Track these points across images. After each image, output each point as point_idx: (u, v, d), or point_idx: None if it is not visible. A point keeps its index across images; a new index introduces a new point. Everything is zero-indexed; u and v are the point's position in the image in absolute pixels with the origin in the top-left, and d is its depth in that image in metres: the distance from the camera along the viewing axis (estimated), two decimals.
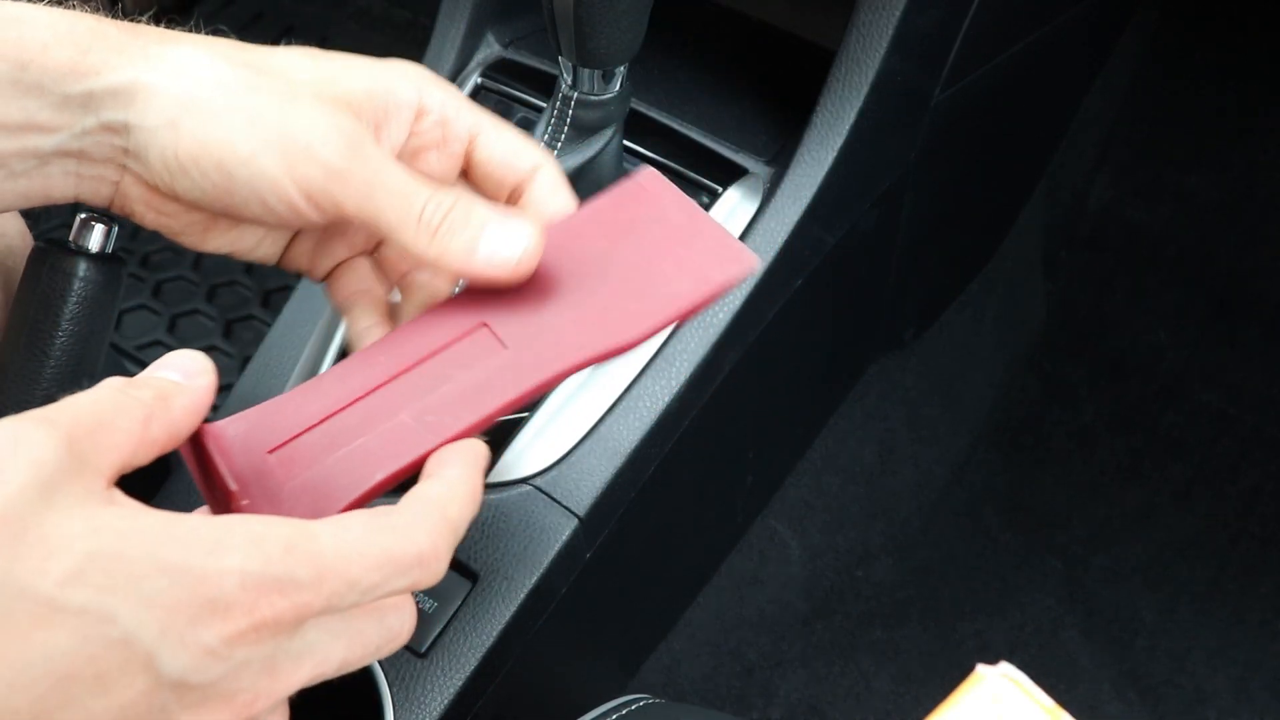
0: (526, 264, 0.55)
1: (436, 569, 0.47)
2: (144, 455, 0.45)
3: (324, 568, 0.43)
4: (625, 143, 0.84)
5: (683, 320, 0.62)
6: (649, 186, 0.60)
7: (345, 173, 0.54)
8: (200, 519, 0.43)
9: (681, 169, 0.86)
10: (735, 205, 0.85)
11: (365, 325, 0.61)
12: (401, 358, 0.55)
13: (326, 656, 0.45)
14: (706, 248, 0.58)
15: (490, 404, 0.53)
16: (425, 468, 0.51)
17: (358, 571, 0.44)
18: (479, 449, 0.52)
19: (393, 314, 0.62)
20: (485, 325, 0.55)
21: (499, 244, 0.55)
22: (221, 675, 0.42)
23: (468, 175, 0.61)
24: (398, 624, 0.48)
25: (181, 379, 0.48)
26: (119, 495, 0.43)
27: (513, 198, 0.61)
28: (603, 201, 0.60)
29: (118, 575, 0.40)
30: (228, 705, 0.42)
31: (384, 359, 0.55)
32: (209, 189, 0.55)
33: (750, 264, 0.58)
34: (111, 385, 0.45)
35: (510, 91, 0.90)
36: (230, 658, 0.42)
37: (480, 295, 0.56)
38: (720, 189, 0.85)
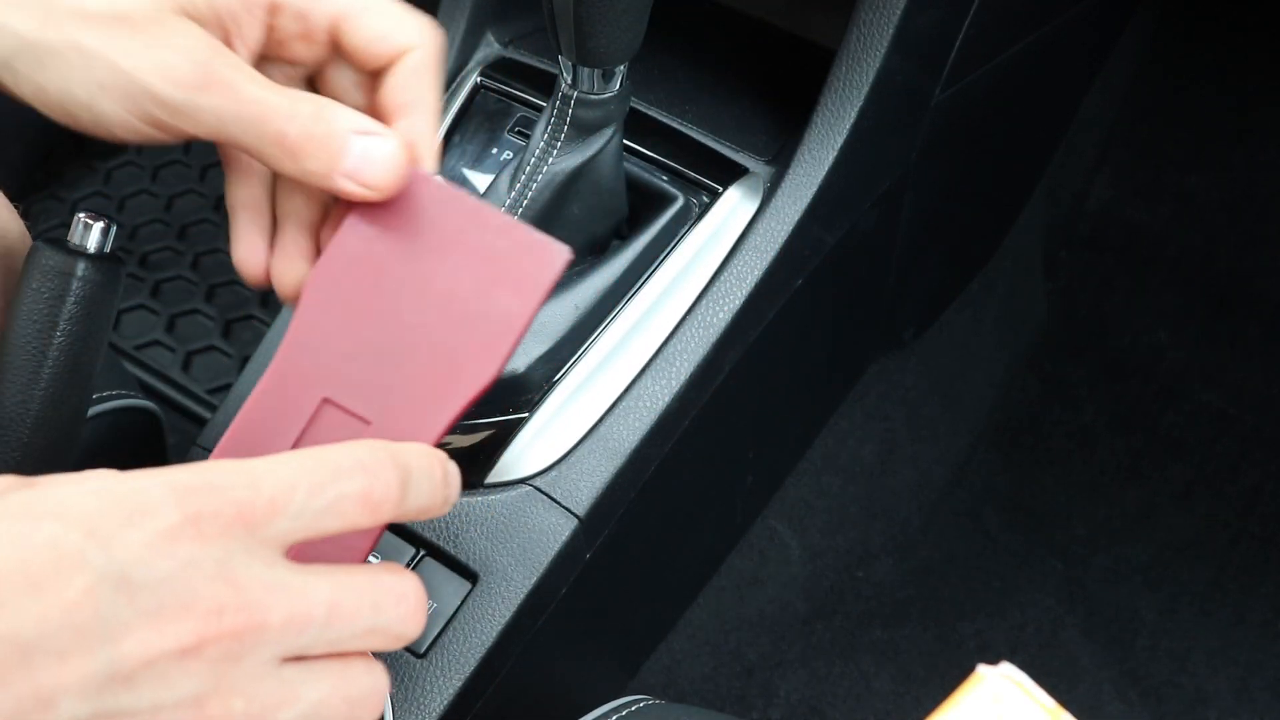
0: (390, 185, 0.53)
1: (383, 476, 0.45)
2: None
3: (257, 474, 0.43)
4: (625, 142, 0.84)
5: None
6: (418, 188, 0.53)
7: (190, 105, 0.51)
8: None
9: (681, 169, 0.86)
10: (735, 205, 0.85)
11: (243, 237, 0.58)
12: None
13: (291, 550, 0.44)
14: (508, 247, 0.53)
15: None
16: None
17: (290, 473, 0.43)
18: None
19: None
20: (329, 401, 0.51)
21: (359, 164, 0.52)
22: (168, 574, 0.40)
23: (340, 54, 0.57)
24: (351, 509, 0.45)
25: None
26: None
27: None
28: (374, 212, 0.53)
29: (40, 497, 0.41)
30: (188, 612, 0.40)
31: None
32: (64, 120, 0.53)
33: (562, 253, 0.53)
34: None
35: (510, 91, 0.90)
36: (172, 554, 0.40)
37: (305, 360, 0.52)
38: (720, 189, 0.85)
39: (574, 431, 0.80)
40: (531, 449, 0.79)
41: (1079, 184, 1.39)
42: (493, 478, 0.79)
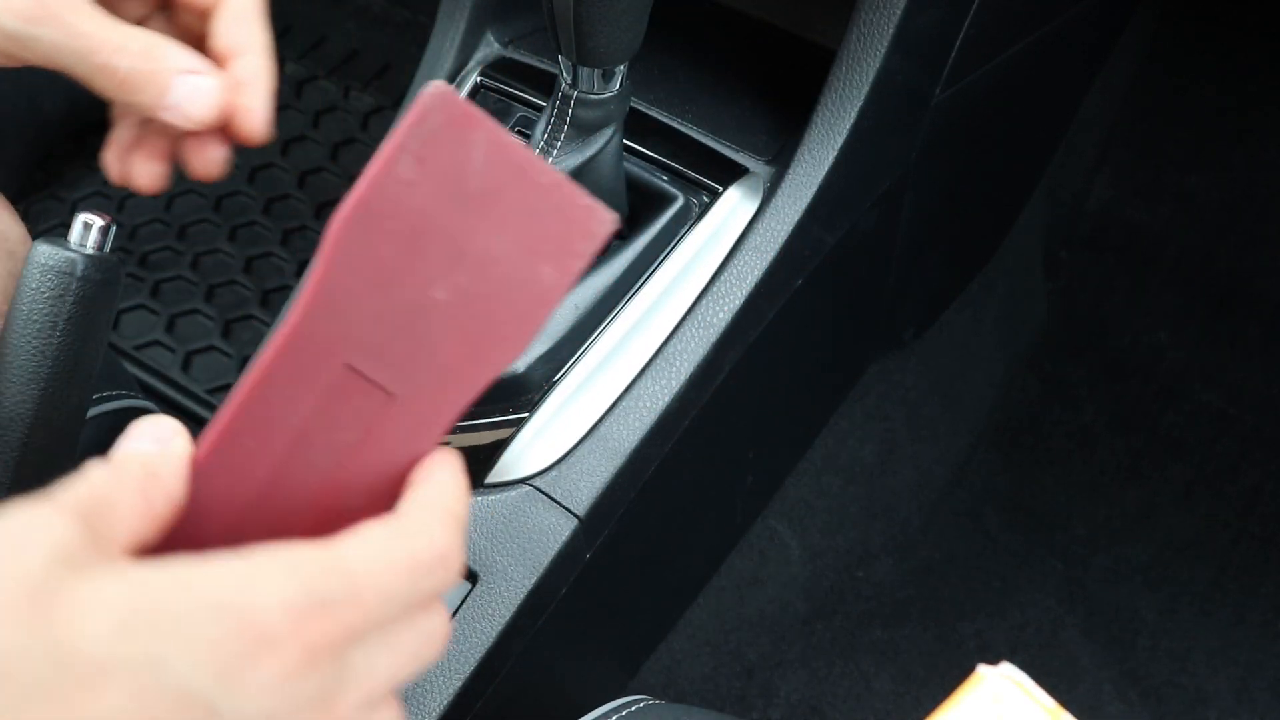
0: (209, 119, 0.57)
1: (456, 567, 0.46)
2: (152, 528, 0.44)
3: (358, 583, 0.42)
4: (625, 142, 0.83)
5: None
6: (470, 129, 0.47)
7: (27, 35, 0.55)
8: (226, 555, 0.41)
9: (681, 168, 0.86)
10: (735, 205, 0.85)
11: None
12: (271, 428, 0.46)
13: (372, 674, 0.44)
14: (553, 207, 0.47)
15: (409, 469, 0.47)
16: (410, 479, 0.48)
17: (388, 580, 0.43)
18: (456, 457, 0.49)
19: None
20: (350, 368, 0.46)
21: (181, 99, 0.57)
22: (277, 713, 0.40)
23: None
24: (430, 626, 0.46)
25: (157, 447, 0.45)
26: (139, 561, 0.42)
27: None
28: (405, 141, 0.46)
29: (161, 622, 0.38)
30: None
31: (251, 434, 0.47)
32: None
33: (605, 221, 0.48)
34: (99, 468, 0.43)
35: (510, 91, 0.90)
36: (288, 693, 0.40)
37: (330, 320, 0.46)
38: (720, 189, 0.85)
39: (574, 431, 0.80)
40: (531, 449, 0.79)
41: (1079, 184, 1.39)
42: (493, 478, 0.79)
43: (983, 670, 0.45)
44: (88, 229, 0.60)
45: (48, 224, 1.38)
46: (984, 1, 0.90)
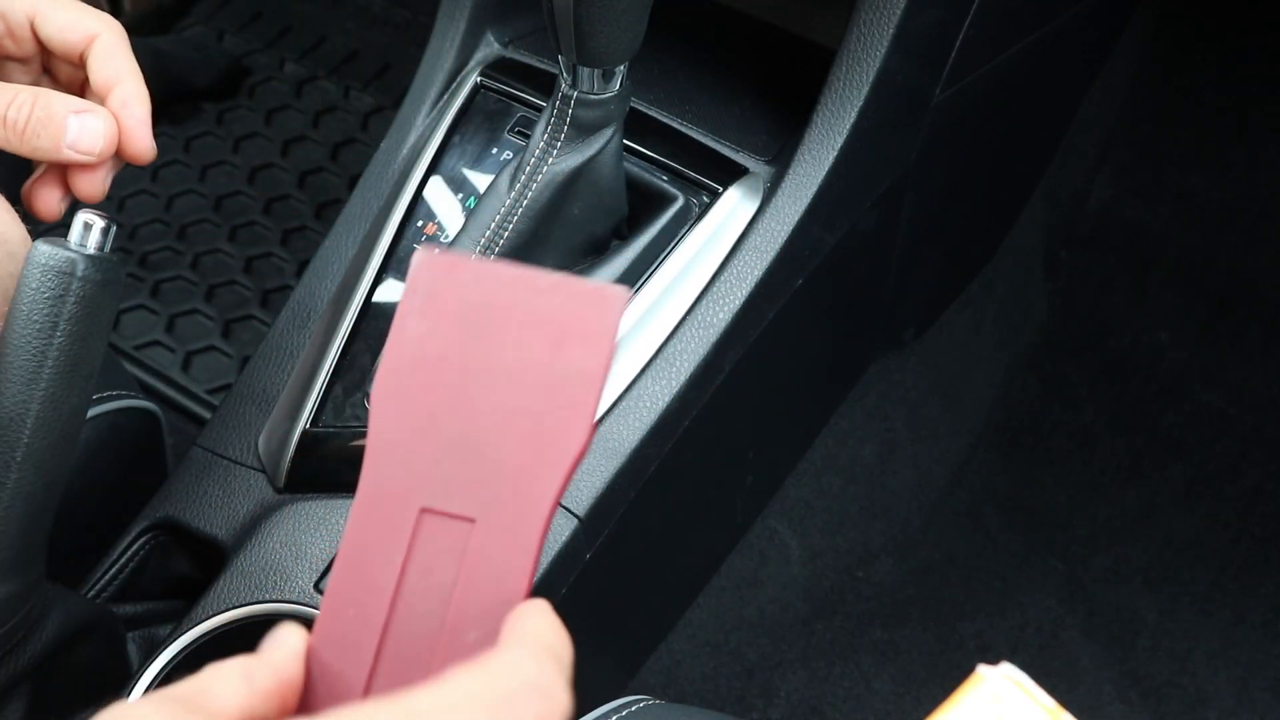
0: (106, 150, 0.64)
1: (556, 695, 0.45)
2: (259, 702, 0.44)
3: None
4: (625, 142, 0.83)
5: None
6: (457, 271, 0.51)
7: None
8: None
9: (681, 169, 0.86)
10: (735, 205, 0.85)
11: None
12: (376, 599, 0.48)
13: None
14: (563, 304, 0.50)
15: (517, 585, 0.49)
16: (502, 633, 0.48)
17: (462, 715, 0.42)
18: (546, 604, 0.49)
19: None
20: (427, 510, 0.49)
21: (78, 137, 0.63)
22: None
23: (45, 48, 0.68)
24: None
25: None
26: None
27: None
28: (407, 306, 0.51)
29: None
30: None
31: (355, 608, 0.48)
32: None
33: (620, 295, 0.50)
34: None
35: (510, 91, 0.90)
36: None
37: (392, 477, 0.49)
38: (720, 189, 0.85)
39: None
40: None
41: (1079, 184, 1.39)
42: None
43: (983, 670, 0.45)
44: (88, 229, 0.60)
45: (48, 224, 1.38)
46: (984, 1, 0.90)
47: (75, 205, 0.62)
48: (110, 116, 0.64)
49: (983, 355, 1.34)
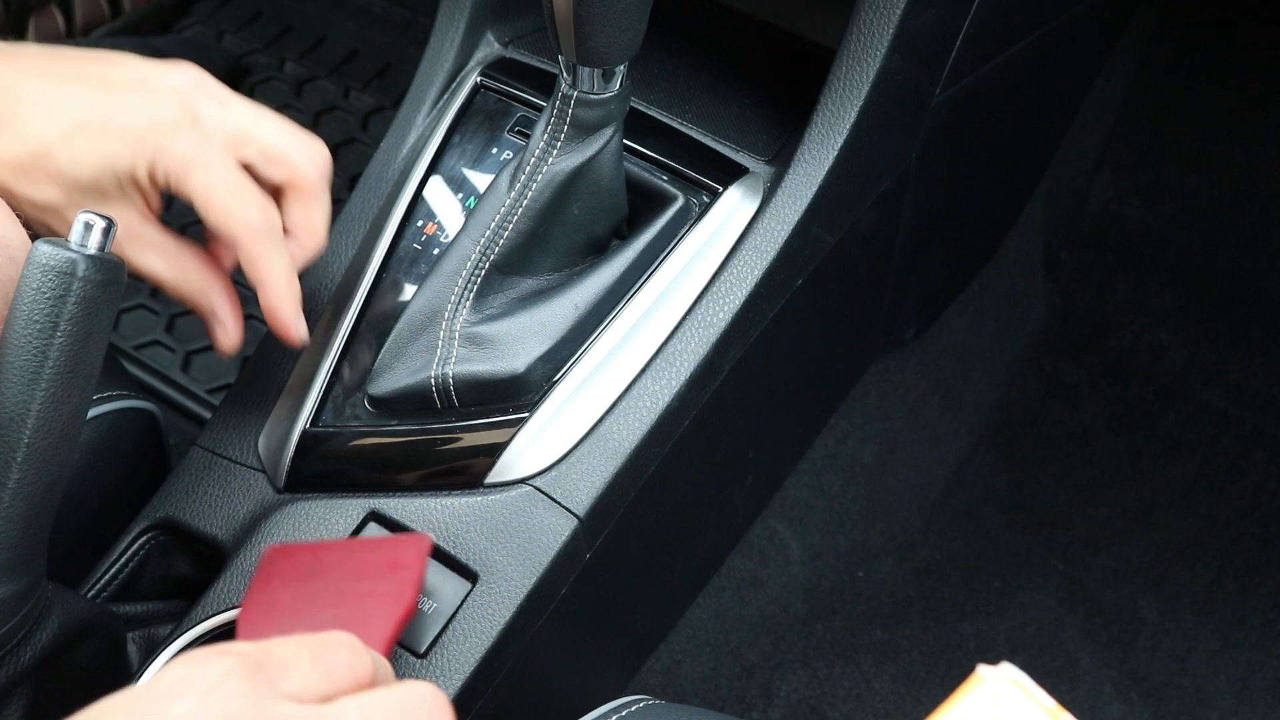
0: (229, 353, 0.80)
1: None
2: None
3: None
4: (625, 142, 0.83)
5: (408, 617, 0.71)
6: (287, 555, 0.73)
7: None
8: None
9: (681, 169, 0.86)
10: (735, 205, 0.85)
11: None
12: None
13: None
14: (381, 550, 0.73)
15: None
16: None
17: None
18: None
19: None
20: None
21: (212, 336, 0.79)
22: None
23: None
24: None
25: None
26: None
27: None
28: (253, 595, 0.72)
29: None
30: None
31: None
32: None
33: (424, 540, 0.73)
34: None
35: (510, 91, 0.90)
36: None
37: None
38: (720, 189, 0.85)
39: (574, 431, 0.80)
40: (531, 449, 0.79)
41: (1079, 184, 1.39)
42: (493, 478, 0.79)
43: (983, 670, 0.45)
44: (88, 229, 0.60)
45: None
46: (984, 1, 0.90)
47: None
48: (237, 331, 0.78)
49: (983, 355, 1.34)
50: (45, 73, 0.72)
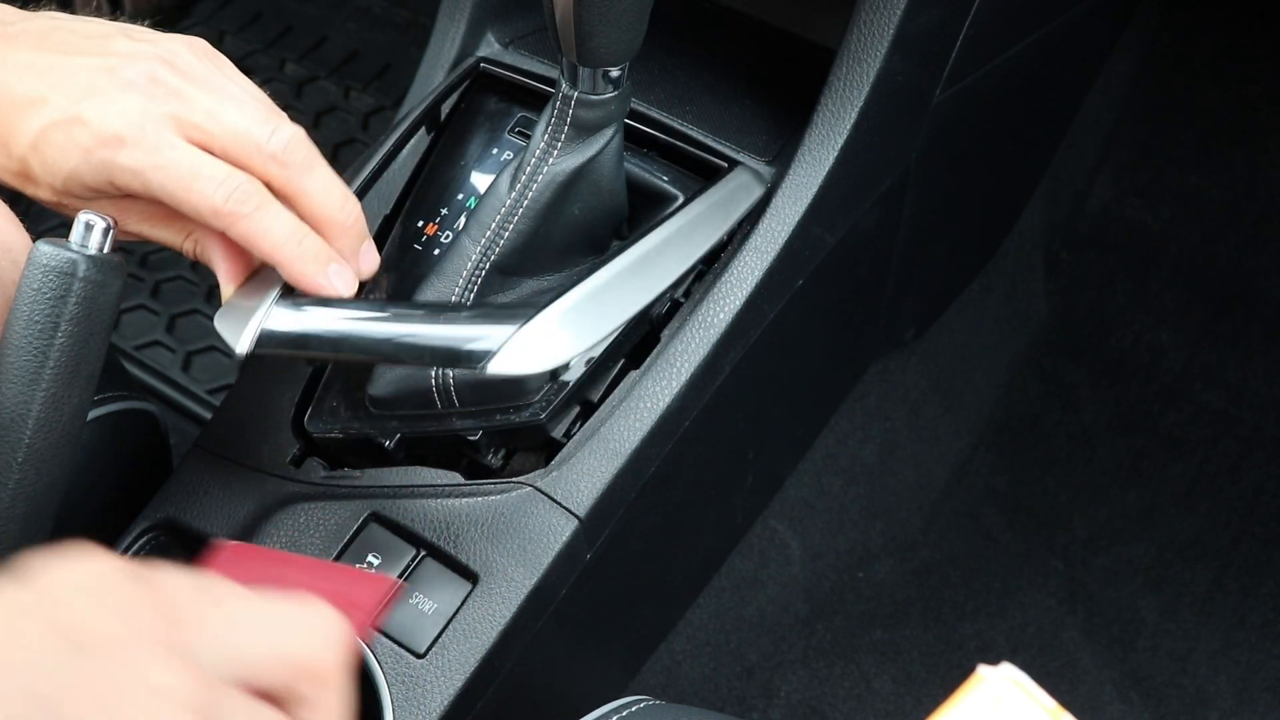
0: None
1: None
2: None
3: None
4: (625, 142, 0.83)
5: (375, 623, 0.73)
6: (241, 553, 0.75)
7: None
8: None
9: (682, 169, 0.86)
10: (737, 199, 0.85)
11: None
12: None
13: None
14: (341, 581, 0.73)
15: None
16: None
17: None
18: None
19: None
20: None
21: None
22: None
23: None
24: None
25: None
26: None
27: None
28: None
29: None
30: None
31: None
32: None
33: (386, 584, 0.73)
34: None
35: (510, 91, 0.90)
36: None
37: None
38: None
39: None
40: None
41: (1079, 184, 1.39)
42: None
43: (983, 671, 0.45)
44: (89, 229, 0.60)
45: (48, 224, 1.38)
46: (984, 1, 0.90)
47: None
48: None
49: (983, 355, 1.34)
50: (28, 67, 0.70)
